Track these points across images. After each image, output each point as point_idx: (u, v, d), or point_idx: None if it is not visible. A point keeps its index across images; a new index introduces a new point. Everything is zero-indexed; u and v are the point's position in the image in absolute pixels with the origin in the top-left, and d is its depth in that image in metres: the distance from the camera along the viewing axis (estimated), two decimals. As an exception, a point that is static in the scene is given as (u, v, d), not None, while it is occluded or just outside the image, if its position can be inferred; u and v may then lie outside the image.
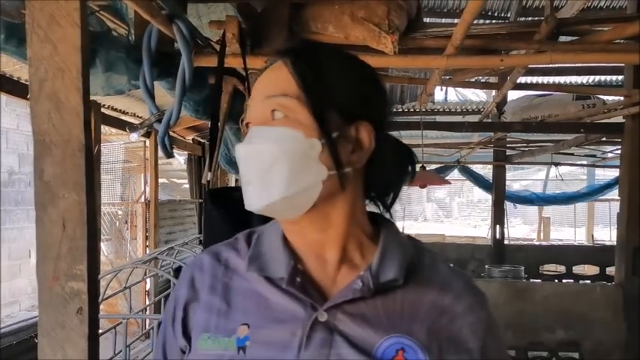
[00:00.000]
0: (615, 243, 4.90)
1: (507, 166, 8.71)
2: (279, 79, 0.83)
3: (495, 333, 0.88)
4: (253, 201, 0.82)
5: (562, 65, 5.46)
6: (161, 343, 0.93)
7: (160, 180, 7.52)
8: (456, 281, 0.89)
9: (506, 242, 8.06)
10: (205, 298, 0.87)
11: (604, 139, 6.02)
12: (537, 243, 11.64)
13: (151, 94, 2.24)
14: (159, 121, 2.23)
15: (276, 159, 0.79)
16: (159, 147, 2.28)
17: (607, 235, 13.36)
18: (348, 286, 0.83)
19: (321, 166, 0.81)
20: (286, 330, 0.80)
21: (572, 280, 7.28)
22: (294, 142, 0.80)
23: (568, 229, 16.18)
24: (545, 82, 5.94)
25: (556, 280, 7.23)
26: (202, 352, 0.83)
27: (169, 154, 2.29)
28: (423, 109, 6.81)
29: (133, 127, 2.30)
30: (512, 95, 5.95)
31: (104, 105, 5.09)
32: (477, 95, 9.67)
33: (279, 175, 0.79)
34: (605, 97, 5.10)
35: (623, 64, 4.56)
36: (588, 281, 7.17)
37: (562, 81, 6.36)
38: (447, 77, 4.02)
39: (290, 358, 0.78)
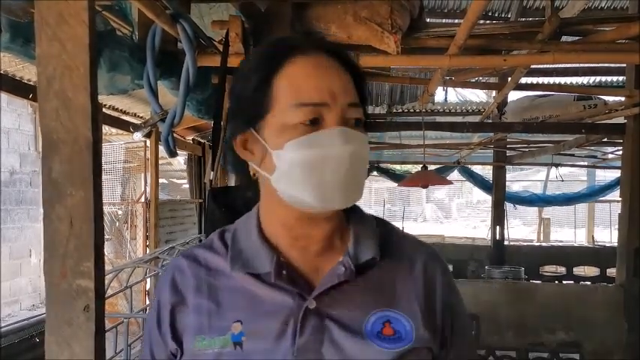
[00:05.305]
0: (616, 244, 4.89)
1: (507, 167, 8.70)
2: (348, 84, 0.86)
3: (449, 276, 0.97)
4: (343, 199, 0.84)
5: (563, 66, 5.47)
6: (148, 346, 0.94)
7: (160, 180, 7.52)
8: (419, 249, 0.97)
9: (505, 243, 8.05)
10: (193, 301, 0.89)
11: (605, 139, 6.02)
12: (537, 244, 11.63)
13: (155, 94, 2.25)
14: (162, 120, 2.24)
15: (365, 161, 0.87)
16: (162, 146, 2.29)
17: (607, 236, 13.35)
18: (332, 272, 0.87)
19: None
20: (278, 321, 0.84)
21: (572, 282, 7.27)
22: (368, 146, 0.89)
23: (568, 230, 16.17)
24: (547, 82, 5.94)
25: (556, 282, 7.22)
26: (199, 353, 0.85)
27: (173, 154, 2.30)
28: (423, 110, 6.81)
29: (136, 127, 2.30)
30: (513, 96, 5.95)
31: (105, 105, 5.08)
32: (476, 96, 9.67)
33: (363, 176, 0.86)
34: (606, 98, 5.10)
35: (624, 65, 4.56)
36: (589, 282, 7.17)
37: (563, 81, 6.36)
38: (449, 77, 4.03)
39: (285, 346, 0.83)
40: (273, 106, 0.84)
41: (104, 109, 4.85)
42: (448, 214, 24.19)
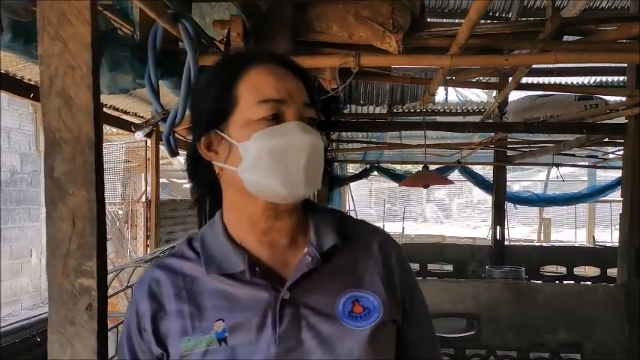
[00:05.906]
0: (616, 244, 4.88)
1: (508, 167, 8.68)
2: (301, 88, 0.97)
3: (403, 255, 1.06)
4: (306, 185, 0.91)
5: (564, 65, 5.46)
6: (129, 353, 0.98)
7: (161, 180, 7.52)
8: (374, 232, 1.06)
9: (506, 243, 8.04)
10: (173, 307, 0.95)
11: (606, 139, 6.00)
12: (538, 244, 11.62)
13: (156, 93, 2.24)
14: (163, 119, 2.24)
15: (322, 154, 0.94)
16: (164, 146, 2.28)
17: (608, 236, 13.34)
18: (300, 263, 0.95)
19: None
20: (257, 314, 0.91)
21: (572, 282, 7.26)
22: (322, 142, 0.94)
23: (568, 230, 16.17)
24: (548, 82, 5.93)
25: (557, 282, 7.20)
26: (187, 354, 0.91)
27: (174, 153, 2.30)
28: (424, 110, 6.80)
29: (137, 126, 2.30)
30: (514, 95, 5.94)
31: (106, 104, 5.08)
32: (477, 95, 9.65)
33: (320, 167, 0.94)
34: (607, 98, 5.09)
35: (625, 65, 4.55)
36: (589, 283, 7.15)
37: (564, 81, 6.35)
38: (450, 77, 4.02)
39: (267, 336, 0.90)
40: (237, 107, 0.94)
41: (105, 109, 4.85)
42: (448, 214, 24.15)
